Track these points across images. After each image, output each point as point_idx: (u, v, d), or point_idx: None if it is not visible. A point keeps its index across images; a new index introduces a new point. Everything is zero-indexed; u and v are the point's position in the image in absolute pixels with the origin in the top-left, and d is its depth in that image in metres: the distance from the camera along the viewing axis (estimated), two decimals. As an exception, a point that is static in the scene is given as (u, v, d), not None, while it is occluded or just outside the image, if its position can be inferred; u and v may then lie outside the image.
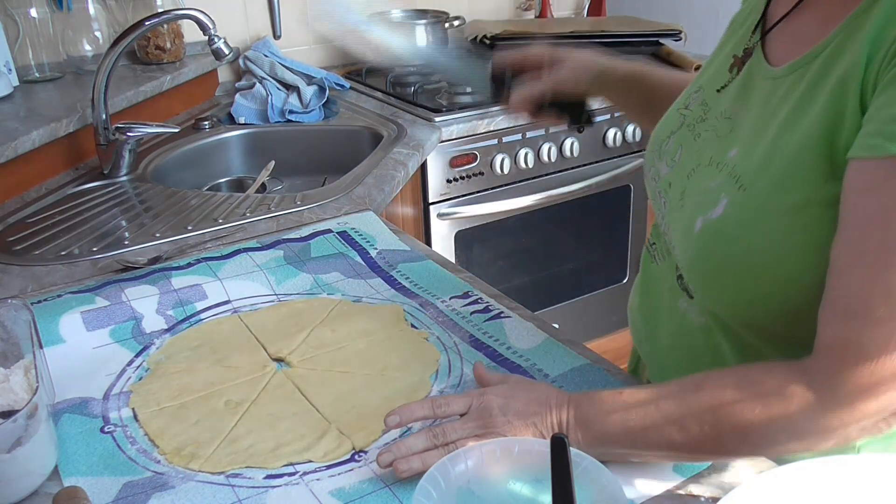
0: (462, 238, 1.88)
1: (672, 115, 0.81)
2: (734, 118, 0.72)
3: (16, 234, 1.24)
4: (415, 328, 0.94)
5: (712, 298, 0.71)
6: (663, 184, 0.78)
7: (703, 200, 0.69)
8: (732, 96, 0.74)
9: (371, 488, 0.69)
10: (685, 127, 0.78)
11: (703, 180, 0.71)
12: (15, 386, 0.75)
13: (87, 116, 1.49)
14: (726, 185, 0.68)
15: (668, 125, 0.81)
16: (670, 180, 0.76)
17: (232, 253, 1.10)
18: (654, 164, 0.81)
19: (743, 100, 0.72)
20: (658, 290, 0.82)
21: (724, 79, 0.76)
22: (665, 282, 0.81)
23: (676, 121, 0.80)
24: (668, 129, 0.80)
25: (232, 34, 2.00)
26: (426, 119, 1.77)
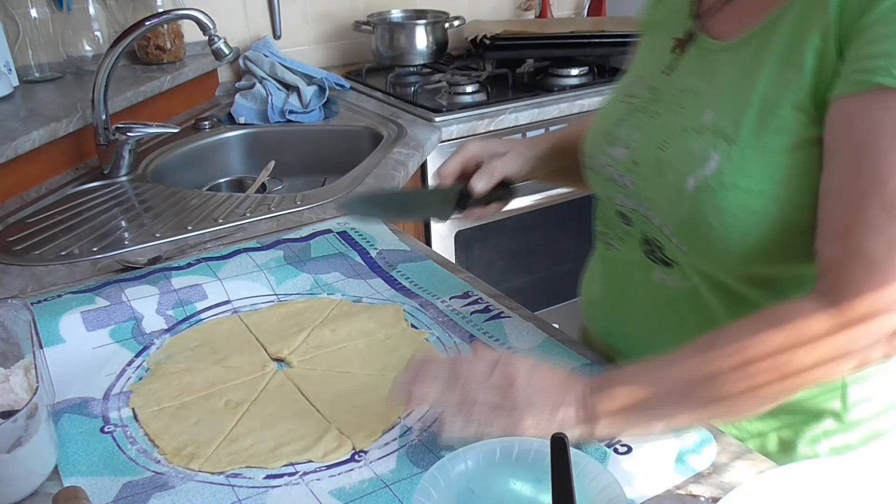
0: (462, 238, 1.88)
1: (615, 107, 0.86)
2: (695, 90, 0.77)
3: (16, 234, 1.24)
4: (415, 328, 0.94)
5: (710, 252, 0.73)
6: (624, 165, 0.81)
7: (690, 162, 0.73)
8: (687, 72, 0.79)
9: (371, 488, 0.69)
10: (637, 112, 0.82)
11: (682, 146, 0.75)
12: (15, 386, 0.75)
13: (87, 116, 1.49)
14: (713, 143, 0.72)
15: (612, 116, 0.85)
16: (635, 158, 0.80)
17: (232, 253, 1.10)
18: (603, 152, 0.85)
19: (701, 72, 0.77)
20: (623, 273, 0.86)
21: (667, 60, 0.82)
22: (629, 262, 0.84)
23: (623, 109, 0.84)
24: (614, 118, 0.84)
25: (232, 34, 2.00)
26: (426, 119, 1.77)
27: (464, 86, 1.90)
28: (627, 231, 0.84)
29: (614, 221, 0.85)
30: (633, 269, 0.84)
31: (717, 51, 0.77)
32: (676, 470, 0.70)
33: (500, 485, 0.64)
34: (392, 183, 1.43)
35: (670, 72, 0.81)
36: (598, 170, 0.86)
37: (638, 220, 0.81)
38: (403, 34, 2.07)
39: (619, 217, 0.84)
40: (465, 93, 1.89)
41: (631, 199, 0.81)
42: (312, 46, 2.18)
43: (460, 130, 1.76)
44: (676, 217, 0.74)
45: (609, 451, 0.72)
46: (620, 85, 0.88)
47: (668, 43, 0.82)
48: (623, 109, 0.84)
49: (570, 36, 2.05)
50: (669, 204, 0.75)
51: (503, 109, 1.83)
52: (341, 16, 2.19)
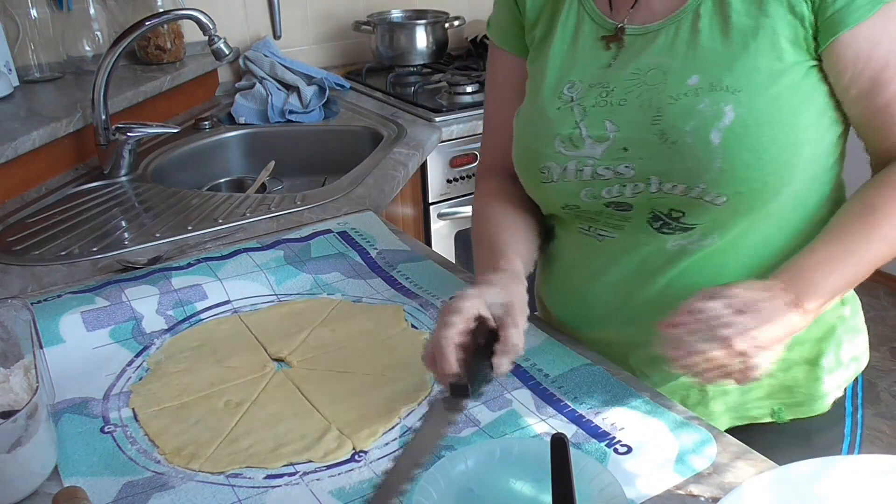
0: (462, 238, 1.88)
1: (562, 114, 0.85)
2: (660, 66, 0.81)
3: (16, 234, 1.24)
4: (415, 328, 0.94)
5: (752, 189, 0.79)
6: (611, 156, 0.82)
7: (704, 120, 0.78)
8: (634, 57, 0.83)
9: (371, 488, 0.69)
10: (594, 109, 0.83)
11: (683, 111, 0.79)
12: (15, 386, 0.75)
13: (87, 116, 1.49)
14: (720, 98, 0.78)
15: (564, 122, 0.85)
16: (625, 145, 0.82)
17: (232, 253, 1.10)
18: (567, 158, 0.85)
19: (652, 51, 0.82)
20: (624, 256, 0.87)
21: (606, 57, 0.85)
22: (633, 243, 0.86)
23: (574, 112, 0.85)
24: (568, 124, 0.84)
25: (232, 34, 2.00)
26: (426, 119, 1.77)
27: (464, 86, 1.90)
28: (625, 216, 0.85)
29: (603, 213, 0.86)
30: (639, 247, 0.86)
31: (658, 28, 0.82)
32: (676, 470, 0.70)
33: (500, 484, 0.64)
34: (392, 183, 1.43)
35: (612, 64, 0.84)
36: (567, 177, 0.85)
37: (643, 199, 0.83)
38: (403, 34, 2.07)
39: (610, 207, 0.85)
40: (465, 93, 1.89)
41: (631, 183, 0.83)
42: (312, 46, 2.18)
43: (460, 130, 1.76)
44: (710, 172, 0.79)
45: (609, 450, 0.72)
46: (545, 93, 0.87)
47: (589, 45, 0.86)
48: (573, 113, 0.84)
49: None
50: (696, 163, 0.79)
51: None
52: (341, 16, 2.19)
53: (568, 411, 0.78)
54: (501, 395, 0.81)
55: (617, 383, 0.81)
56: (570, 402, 0.79)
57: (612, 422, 0.76)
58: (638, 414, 0.77)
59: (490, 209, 0.95)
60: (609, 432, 0.74)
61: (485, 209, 0.96)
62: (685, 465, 0.70)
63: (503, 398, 0.80)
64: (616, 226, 0.87)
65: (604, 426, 0.75)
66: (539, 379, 0.83)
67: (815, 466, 0.61)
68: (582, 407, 0.78)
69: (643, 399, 0.79)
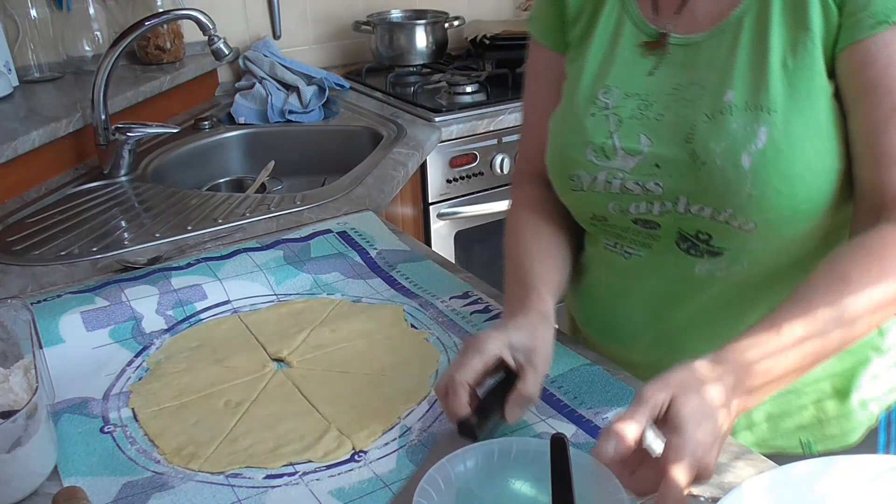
0: (462, 238, 1.88)
1: (597, 122, 0.82)
2: (699, 81, 0.78)
3: (16, 234, 1.24)
4: (415, 328, 0.94)
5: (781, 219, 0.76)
6: (641, 171, 0.80)
7: (736, 141, 0.75)
8: (676, 68, 0.80)
9: (371, 488, 0.69)
10: (629, 120, 0.81)
11: (717, 131, 0.76)
12: (15, 386, 0.75)
13: (86, 116, 1.49)
14: (754, 118, 0.74)
15: (598, 131, 0.82)
16: (656, 162, 0.79)
17: (232, 253, 1.10)
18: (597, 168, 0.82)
19: (694, 64, 0.79)
20: (650, 276, 0.85)
21: (646, 64, 0.82)
22: (660, 264, 0.83)
23: (609, 122, 0.82)
24: (602, 133, 0.82)
25: (232, 34, 2.00)
26: (426, 119, 1.77)
27: (463, 86, 1.90)
28: (652, 234, 0.83)
29: (630, 230, 0.84)
30: (666, 269, 0.83)
31: (701, 41, 0.79)
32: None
33: (499, 485, 0.64)
34: (392, 183, 1.43)
35: (654, 73, 0.82)
36: (597, 188, 0.83)
37: (671, 219, 0.81)
38: (403, 34, 2.07)
39: (638, 224, 0.83)
40: (465, 93, 1.89)
41: (659, 201, 0.80)
42: (312, 46, 2.18)
43: (460, 130, 1.76)
44: (738, 197, 0.75)
45: (609, 451, 0.72)
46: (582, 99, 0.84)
47: (629, 49, 0.83)
48: (608, 121, 0.82)
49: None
50: (725, 187, 0.76)
51: (503, 109, 1.83)
52: (341, 16, 2.19)
53: (568, 411, 0.78)
54: (501, 395, 0.81)
55: (617, 383, 0.81)
56: (570, 402, 0.79)
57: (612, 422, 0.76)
58: (638, 414, 0.77)
59: (524, 224, 0.91)
60: (609, 432, 0.74)
61: (518, 224, 0.92)
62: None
63: (503, 398, 0.80)
64: (643, 244, 0.84)
65: (604, 426, 0.75)
66: (539, 379, 0.83)
67: (815, 466, 0.61)
68: (582, 407, 0.78)
69: (643, 399, 0.79)
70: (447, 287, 1.02)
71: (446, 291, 1.01)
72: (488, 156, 1.83)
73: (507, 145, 1.84)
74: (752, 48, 0.76)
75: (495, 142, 1.82)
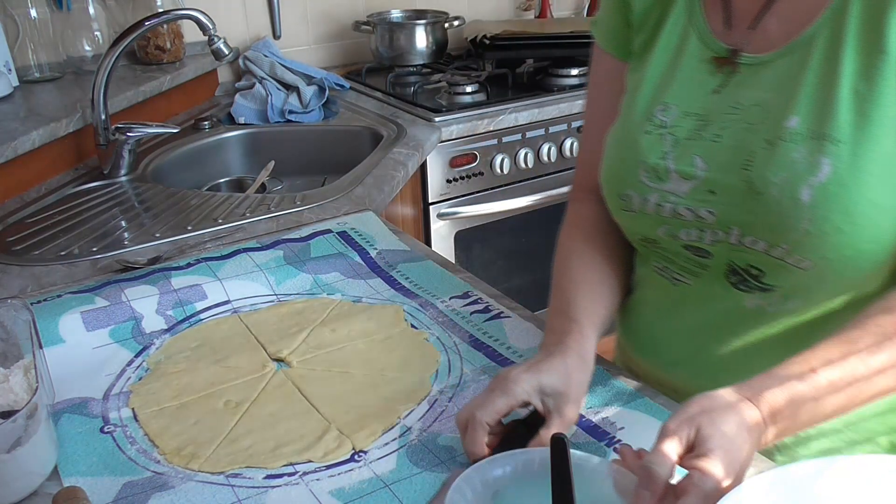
0: (462, 238, 1.88)
1: (651, 141, 0.78)
2: (763, 103, 0.73)
3: (16, 234, 1.24)
4: (415, 328, 0.94)
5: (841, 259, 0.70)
6: (694, 197, 0.76)
7: (796, 172, 0.69)
8: (741, 88, 0.75)
9: (371, 488, 0.69)
10: (685, 141, 0.76)
11: (777, 160, 0.70)
12: (15, 386, 0.75)
13: (87, 116, 1.49)
14: (817, 148, 0.69)
15: (652, 151, 0.78)
16: (710, 188, 0.75)
17: (232, 253, 1.10)
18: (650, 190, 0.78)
19: (760, 84, 0.74)
20: (699, 306, 0.81)
21: (711, 82, 0.77)
22: (708, 295, 0.80)
23: (664, 141, 0.78)
24: (656, 152, 0.78)
25: (232, 34, 2.00)
26: (426, 119, 1.77)
27: (463, 86, 1.90)
28: (702, 263, 0.79)
29: (681, 255, 0.80)
30: (714, 300, 0.80)
31: (769, 61, 0.74)
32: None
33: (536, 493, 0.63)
34: (392, 183, 1.43)
35: (721, 90, 0.76)
36: (647, 210, 0.79)
37: (722, 250, 0.76)
38: (403, 34, 2.07)
39: (688, 251, 0.79)
40: (465, 93, 1.89)
41: (711, 230, 0.76)
42: (312, 46, 2.18)
43: (460, 130, 1.76)
44: (795, 233, 0.70)
45: (609, 450, 0.72)
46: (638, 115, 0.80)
47: (703, 65, 0.78)
48: (663, 141, 0.77)
49: (569, 36, 2.05)
50: (781, 221, 0.70)
51: (503, 109, 1.83)
52: (341, 16, 2.19)
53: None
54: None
55: (617, 383, 0.81)
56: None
57: (612, 422, 0.76)
58: (638, 414, 0.77)
59: (574, 249, 0.87)
60: (609, 432, 0.74)
61: (569, 248, 0.87)
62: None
63: (503, 398, 0.80)
64: (692, 272, 0.80)
65: (604, 426, 0.75)
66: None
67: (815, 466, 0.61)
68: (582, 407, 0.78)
69: (643, 399, 0.79)
70: (447, 287, 1.02)
71: (446, 291, 1.01)
72: (488, 156, 1.83)
73: (507, 145, 1.84)
74: (822, 71, 0.70)
75: (495, 142, 1.82)
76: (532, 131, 1.86)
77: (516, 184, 1.90)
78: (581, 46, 2.04)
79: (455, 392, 0.82)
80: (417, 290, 1.02)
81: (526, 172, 1.90)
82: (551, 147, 1.90)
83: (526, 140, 1.87)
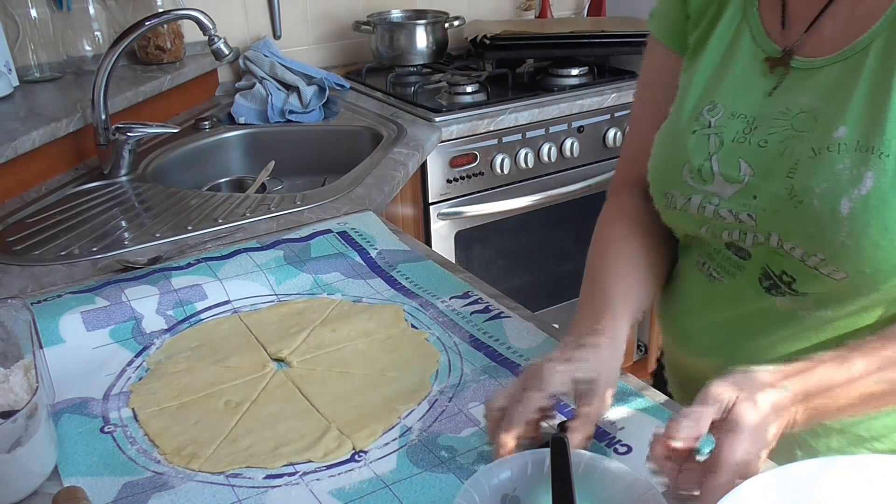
0: (462, 238, 1.88)
1: (697, 141, 0.78)
2: (812, 110, 0.72)
3: (16, 234, 1.24)
4: (415, 328, 0.94)
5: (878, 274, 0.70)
6: (737, 201, 0.76)
7: (838, 183, 0.68)
8: (790, 93, 0.74)
9: (371, 488, 0.69)
10: (731, 144, 0.76)
11: (821, 169, 0.70)
12: (15, 386, 0.75)
13: (87, 116, 1.49)
14: (862, 160, 0.68)
15: (698, 152, 0.78)
16: (754, 193, 0.74)
17: (232, 253, 1.10)
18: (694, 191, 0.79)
19: (810, 91, 0.73)
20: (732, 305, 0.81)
21: (764, 84, 0.76)
22: (741, 296, 0.80)
23: (710, 143, 0.77)
24: (701, 154, 0.78)
25: (232, 34, 2.00)
26: (426, 119, 1.77)
27: (464, 86, 1.90)
28: (740, 264, 0.79)
29: (721, 253, 0.81)
30: (746, 301, 0.80)
31: (821, 66, 0.73)
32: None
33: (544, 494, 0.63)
34: (392, 183, 1.43)
35: (774, 93, 0.75)
36: (690, 210, 0.79)
37: (761, 252, 0.77)
38: (403, 34, 2.07)
39: (729, 249, 0.80)
40: (465, 93, 1.89)
41: (753, 233, 0.76)
42: (312, 46, 2.18)
43: (460, 130, 1.76)
44: (832, 244, 0.70)
45: (609, 450, 0.72)
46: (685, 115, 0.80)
47: (756, 65, 0.77)
48: (708, 142, 0.77)
49: (570, 36, 2.05)
50: (819, 232, 0.70)
51: (503, 109, 1.83)
52: (341, 16, 2.19)
53: (568, 411, 0.78)
54: (501, 395, 0.81)
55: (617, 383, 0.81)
56: (571, 401, 0.79)
57: (612, 422, 0.76)
58: (638, 414, 0.77)
59: (612, 239, 0.86)
60: (609, 432, 0.74)
61: (606, 237, 0.87)
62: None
63: (503, 398, 0.80)
64: (729, 271, 0.80)
65: (604, 426, 0.75)
66: (539, 379, 0.83)
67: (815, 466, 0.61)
68: (582, 407, 0.78)
69: (643, 399, 0.79)
70: (447, 287, 1.02)
71: (446, 291, 1.01)
72: (488, 156, 1.83)
73: (507, 145, 1.84)
74: (874, 81, 0.68)
75: (495, 142, 1.83)
76: (532, 131, 1.86)
77: (516, 184, 1.90)
78: (581, 46, 2.05)
79: (455, 392, 0.82)
80: (417, 290, 1.02)
81: (526, 172, 1.90)
82: (551, 147, 1.90)
83: (526, 140, 1.87)
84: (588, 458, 0.64)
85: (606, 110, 1.95)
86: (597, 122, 1.95)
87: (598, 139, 1.98)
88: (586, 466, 0.62)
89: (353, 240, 1.15)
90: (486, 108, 1.83)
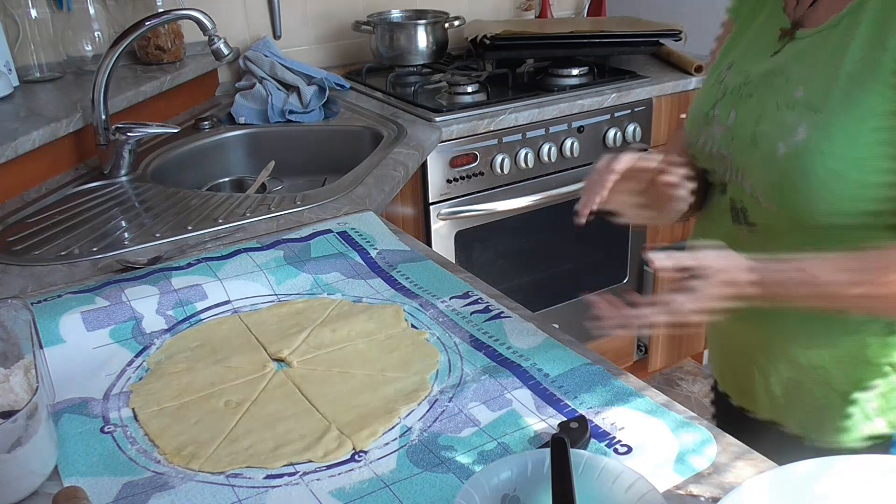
0: (462, 238, 1.88)
1: (709, 92, 0.96)
2: (786, 72, 0.85)
3: (16, 234, 1.24)
4: (415, 328, 0.94)
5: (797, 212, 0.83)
6: (723, 140, 0.91)
7: (781, 131, 0.82)
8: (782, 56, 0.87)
9: (371, 488, 0.69)
10: (729, 94, 0.91)
11: (776, 120, 0.84)
12: (15, 386, 0.75)
13: (87, 116, 1.49)
14: (803, 114, 0.81)
15: (708, 100, 0.95)
16: (733, 134, 0.90)
17: (232, 253, 1.10)
18: (703, 131, 0.95)
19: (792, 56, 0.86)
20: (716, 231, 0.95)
21: (772, 47, 0.89)
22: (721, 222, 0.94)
23: (716, 93, 0.94)
24: (710, 102, 0.94)
25: (232, 34, 2.00)
26: (426, 119, 1.77)
27: (464, 86, 1.90)
28: (721, 197, 0.94)
29: (718, 186, 0.96)
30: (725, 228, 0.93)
31: (806, 36, 0.85)
32: (676, 470, 0.70)
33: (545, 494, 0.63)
34: (392, 183, 1.43)
35: (775, 55, 0.88)
36: (700, 147, 0.96)
37: (733, 187, 0.91)
38: (403, 34, 2.07)
39: (719, 186, 0.95)
40: (465, 93, 1.89)
41: (728, 168, 0.91)
42: (312, 46, 2.18)
43: (460, 130, 1.76)
44: (767, 181, 0.84)
45: (609, 450, 0.72)
46: (714, 71, 0.97)
47: (772, 33, 0.90)
48: (716, 93, 0.94)
49: (570, 36, 2.05)
50: (761, 169, 0.85)
51: (503, 109, 1.83)
52: (341, 16, 2.19)
53: (568, 411, 0.78)
54: (501, 394, 0.81)
55: (617, 383, 0.81)
56: (571, 402, 0.79)
57: (612, 422, 0.76)
58: (638, 414, 0.77)
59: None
60: (609, 432, 0.74)
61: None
62: (685, 465, 0.70)
63: (503, 398, 0.80)
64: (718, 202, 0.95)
65: (604, 426, 0.75)
66: (539, 379, 0.83)
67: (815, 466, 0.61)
68: (582, 406, 0.78)
69: (643, 399, 0.79)
70: (447, 287, 1.02)
71: (446, 291, 1.01)
72: (489, 156, 1.83)
73: (507, 145, 1.84)
74: (833, 54, 0.80)
75: (495, 142, 1.83)
76: (532, 131, 1.86)
77: (516, 184, 1.90)
78: (581, 46, 2.05)
79: (455, 392, 0.82)
80: (418, 290, 1.02)
81: (526, 172, 1.90)
82: (551, 147, 1.90)
83: (526, 140, 1.87)
84: (588, 458, 0.64)
85: (606, 110, 1.95)
86: (597, 122, 1.95)
87: (598, 139, 1.98)
88: (586, 466, 0.62)
89: (354, 240, 1.15)
90: (486, 108, 1.83)
